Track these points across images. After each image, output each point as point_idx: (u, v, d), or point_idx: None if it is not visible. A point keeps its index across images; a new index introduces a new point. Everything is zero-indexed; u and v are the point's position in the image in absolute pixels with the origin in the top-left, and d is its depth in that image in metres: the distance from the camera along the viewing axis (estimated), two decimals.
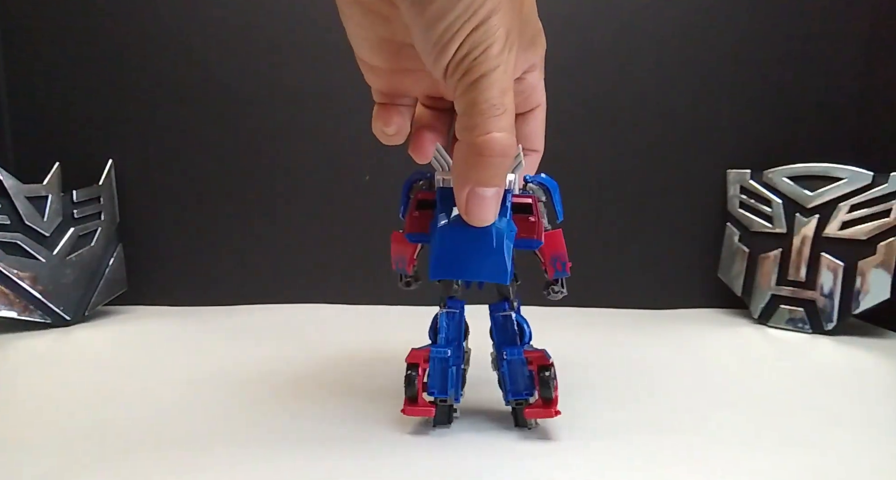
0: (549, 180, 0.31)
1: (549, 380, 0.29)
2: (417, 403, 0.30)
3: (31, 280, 0.52)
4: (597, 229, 0.60)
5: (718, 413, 0.34)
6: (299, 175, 0.60)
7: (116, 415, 0.33)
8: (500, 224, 0.27)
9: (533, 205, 0.29)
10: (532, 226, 0.29)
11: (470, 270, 0.28)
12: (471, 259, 0.27)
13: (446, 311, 0.31)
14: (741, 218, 0.57)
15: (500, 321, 0.31)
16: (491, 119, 0.23)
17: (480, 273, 0.28)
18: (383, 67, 0.27)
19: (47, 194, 0.54)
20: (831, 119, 0.58)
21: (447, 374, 0.30)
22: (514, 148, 0.24)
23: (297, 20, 0.58)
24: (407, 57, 0.26)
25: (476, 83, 0.23)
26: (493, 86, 0.23)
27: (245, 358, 0.44)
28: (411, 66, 0.26)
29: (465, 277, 0.29)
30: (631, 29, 0.57)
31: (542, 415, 0.30)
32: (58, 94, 0.59)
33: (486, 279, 0.28)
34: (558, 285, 0.32)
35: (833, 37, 0.57)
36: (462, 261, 0.27)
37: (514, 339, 0.31)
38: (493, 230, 0.27)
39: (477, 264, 0.27)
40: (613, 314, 0.59)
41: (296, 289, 0.61)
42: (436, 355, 0.30)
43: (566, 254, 0.31)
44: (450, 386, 0.31)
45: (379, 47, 0.26)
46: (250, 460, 0.28)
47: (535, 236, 0.29)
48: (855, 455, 0.29)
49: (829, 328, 0.51)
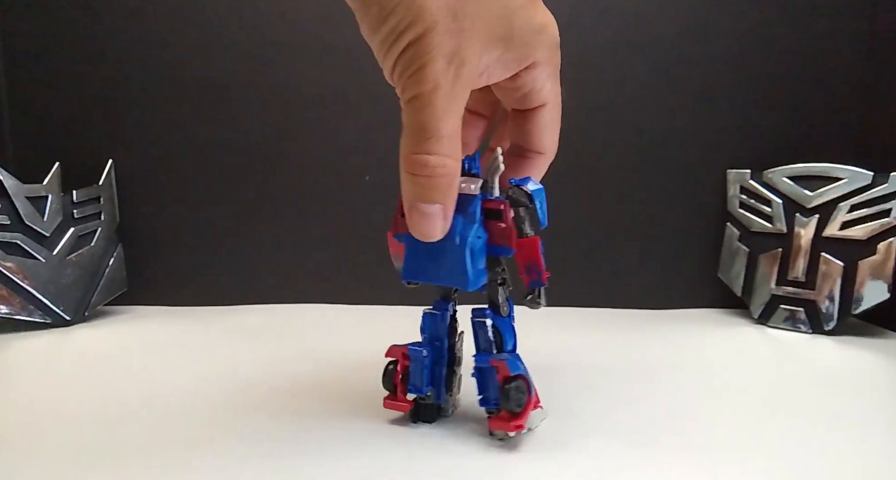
0: (540, 188, 0.30)
1: (511, 392, 0.28)
2: (396, 398, 0.31)
3: (31, 280, 0.52)
4: (597, 229, 0.60)
5: (718, 413, 0.34)
6: (299, 175, 0.60)
7: (116, 415, 0.33)
8: (464, 231, 0.28)
9: (504, 211, 0.29)
10: (504, 232, 0.29)
11: (435, 274, 0.29)
12: (436, 263, 0.28)
13: (429, 312, 0.32)
14: (741, 218, 0.57)
15: (475, 327, 0.31)
16: (422, 141, 0.23)
17: (444, 277, 0.29)
18: None
19: (47, 194, 0.54)
20: (831, 119, 0.58)
21: (423, 373, 0.31)
22: (447, 169, 0.24)
23: (297, 20, 0.58)
24: None
25: (410, 102, 0.23)
26: (425, 109, 0.23)
27: (245, 358, 0.44)
28: None
29: (430, 281, 0.29)
30: (631, 29, 0.57)
31: (502, 427, 0.29)
32: (58, 94, 0.59)
33: (449, 284, 0.29)
34: (535, 294, 0.30)
35: (833, 37, 0.57)
36: (427, 265, 0.29)
37: (488, 346, 0.30)
38: (455, 236, 0.27)
39: (440, 269, 0.28)
40: (613, 314, 0.59)
41: (296, 289, 0.61)
42: (411, 353, 0.31)
43: (541, 263, 0.29)
44: (425, 385, 0.31)
45: None
46: (250, 460, 0.28)
47: (506, 243, 0.29)
48: (855, 455, 0.29)
49: (829, 328, 0.51)
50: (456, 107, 0.24)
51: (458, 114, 0.24)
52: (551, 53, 0.27)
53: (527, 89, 0.28)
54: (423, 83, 0.23)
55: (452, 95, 0.23)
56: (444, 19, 0.22)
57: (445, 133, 0.24)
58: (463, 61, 0.23)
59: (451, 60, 0.23)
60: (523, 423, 0.29)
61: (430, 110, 0.23)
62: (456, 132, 0.24)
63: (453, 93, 0.23)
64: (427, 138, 0.23)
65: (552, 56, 0.28)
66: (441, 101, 0.23)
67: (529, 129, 0.30)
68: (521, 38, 0.26)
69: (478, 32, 0.23)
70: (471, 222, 0.28)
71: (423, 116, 0.23)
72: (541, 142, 0.30)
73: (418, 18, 0.22)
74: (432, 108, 0.23)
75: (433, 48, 0.22)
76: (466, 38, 0.23)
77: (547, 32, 0.27)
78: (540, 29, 0.26)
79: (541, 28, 0.26)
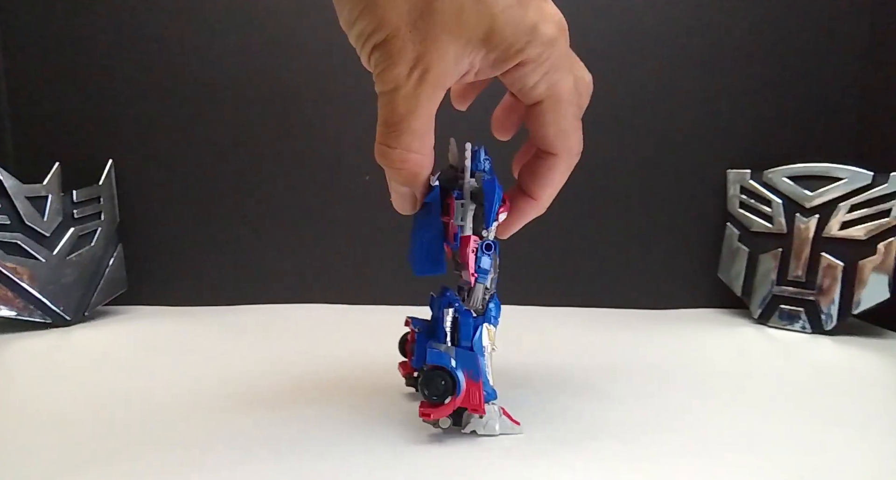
0: (489, 183, 0.30)
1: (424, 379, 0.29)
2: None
3: (31, 280, 0.53)
4: (597, 229, 0.60)
5: (718, 412, 0.34)
6: (299, 175, 0.60)
7: (116, 415, 0.33)
8: (421, 220, 0.30)
9: (450, 205, 0.30)
10: (449, 226, 0.30)
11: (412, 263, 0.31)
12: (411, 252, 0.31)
13: (432, 294, 0.33)
14: (741, 218, 0.57)
15: (441, 313, 0.31)
16: (385, 134, 0.26)
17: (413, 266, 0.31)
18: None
19: (47, 194, 0.54)
20: (831, 119, 0.58)
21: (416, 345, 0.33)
22: (409, 163, 0.27)
23: (297, 20, 0.58)
24: None
25: (379, 97, 0.26)
26: (388, 106, 0.26)
27: (244, 358, 0.44)
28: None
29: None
30: (631, 29, 0.57)
31: (420, 412, 0.29)
32: (58, 94, 0.59)
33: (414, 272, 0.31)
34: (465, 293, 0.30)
35: (833, 37, 0.57)
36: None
37: (442, 336, 0.30)
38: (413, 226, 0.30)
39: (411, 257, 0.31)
40: (613, 314, 0.59)
41: (295, 289, 0.61)
42: (413, 325, 0.34)
43: (468, 263, 0.30)
44: (416, 356, 0.33)
45: None
46: (250, 460, 0.28)
47: (449, 237, 0.30)
48: (855, 455, 0.29)
49: (829, 328, 0.51)
50: (422, 109, 0.26)
51: (425, 114, 0.26)
52: (545, 50, 0.27)
53: (518, 86, 0.28)
54: (385, 83, 0.25)
55: (415, 97, 0.25)
56: (404, 27, 0.24)
57: (407, 130, 0.26)
58: (427, 67, 0.25)
59: (415, 66, 0.25)
60: (431, 413, 0.29)
61: (391, 108, 0.25)
62: (421, 129, 0.26)
63: (416, 95, 0.25)
64: (389, 133, 0.26)
65: (547, 53, 0.27)
66: (401, 102, 0.25)
67: (532, 125, 0.30)
68: (505, 38, 0.26)
69: (449, 36, 0.25)
70: (428, 213, 0.30)
71: (385, 113, 0.26)
72: (545, 140, 0.30)
73: (380, 26, 0.24)
74: (393, 107, 0.25)
75: (394, 54, 0.25)
76: (431, 43, 0.25)
77: (538, 31, 0.27)
78: (530, 29, 0.26)
79: (530, 28, 0.26)
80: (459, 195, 0.30)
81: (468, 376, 0.29)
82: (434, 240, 0.30)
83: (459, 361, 0.29)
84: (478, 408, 0.29)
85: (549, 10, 0.27)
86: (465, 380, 0.29)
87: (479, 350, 0.30)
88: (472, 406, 0.29)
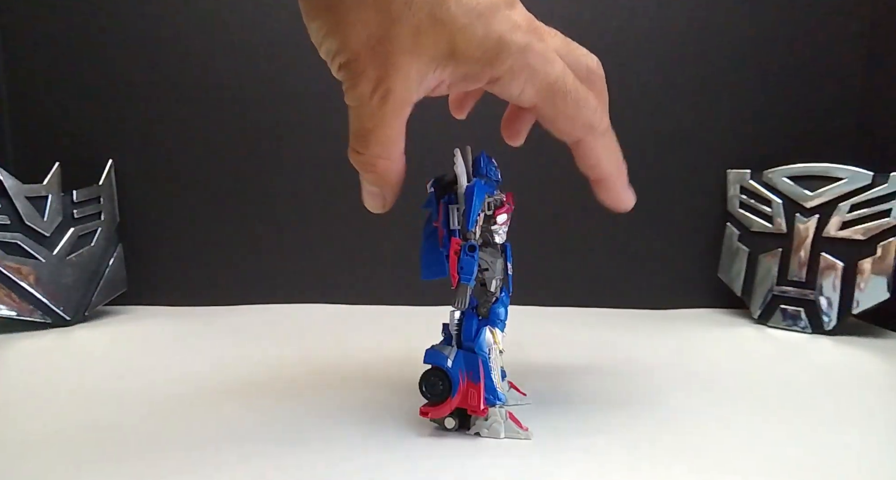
0: (470, 186, 0.30)
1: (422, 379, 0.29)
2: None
3: (31, 280, 0.53)
4: (597, 229, 0.60)
5: (718, 412, 0.34)
6: (299, 175, 0.60)
7: (116, 415, 0.33)
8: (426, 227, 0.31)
9: (440, 209, 0.30)
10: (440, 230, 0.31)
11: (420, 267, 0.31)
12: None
13: None
14: (741, 218, 0.57)
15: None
16: (354, 140, 0.28)
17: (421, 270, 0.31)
18: None
19: (47, 194, 0.54)
20: (831, 119, 0.58)
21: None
22: (376, 167, 0.28)
23: (297, 20, 0.57)
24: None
25: (349, 109, 0.27)
26: (356, 119, 0.27)
27: (245, 358, 0.44)
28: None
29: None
30: (631, 29, 0.57)
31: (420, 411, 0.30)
32: (58, 94, 0.59)
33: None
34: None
35: (833, 37, 0.57)
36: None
37: (448, 336, 0.31)
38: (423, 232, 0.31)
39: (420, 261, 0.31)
40: (613, 314, 0.59)
41: (296, 289, 0.61)
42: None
43: (452, 266, 0.30)
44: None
45: None
46: (250, 459, 0.28)
47: (440, 242, 0.30)
48: (855, 455, 0.29)
49: (829, 328, 0.51)
50: (386, 124, 0.27)
51: (391, 126, 0.27)
52: (518, 60, 0.26)
53: (505, 96, 0.28)
54: (352, 100, 0.27)
55: (381, 115, 0.26)
56: (364, 52, 0.25)
57: (374, 140, 0.27)
58: (389, 89, 0.26)
59: (377, 87, 0.26)
60: (429, 412, 0.29)
61: (359, 122, 0.27)
62: (387, 140, 0.27)
63: (381, 113, 0.26)
64: (357, 140, 0.28)
65: (521, 62, 0.26)
66: (367, 119, 0.27)
67: (543, 123, 0.30)
68: (470, 56, 0.26)
69: (409, 57, 0.25)
70: (428, 219, 0.30)
71: (354, 125, 0.27)
72: (562, 133, 0.30)
73: (342, 48, 0.26)
74: (360, 121, 0.27)
75: (357, 75, 0.26)
76: (391, 66, 0.25)
77: (505, 42, 0.26)
78: (495, 43, 0.26)
79: (496, 41, 0.26)
80: (451, 200, 0.30)
81: (468, 377, 0.29)
82: (434, 246, 0.30)
83: (458, 362, 0.30)
84: (476, 409, 0.29)
85: (515, 17, 0.26)
86: (464, 381, 0.29)
87: (480, 352, 0.30)
88: (472, 407, 0.30)
